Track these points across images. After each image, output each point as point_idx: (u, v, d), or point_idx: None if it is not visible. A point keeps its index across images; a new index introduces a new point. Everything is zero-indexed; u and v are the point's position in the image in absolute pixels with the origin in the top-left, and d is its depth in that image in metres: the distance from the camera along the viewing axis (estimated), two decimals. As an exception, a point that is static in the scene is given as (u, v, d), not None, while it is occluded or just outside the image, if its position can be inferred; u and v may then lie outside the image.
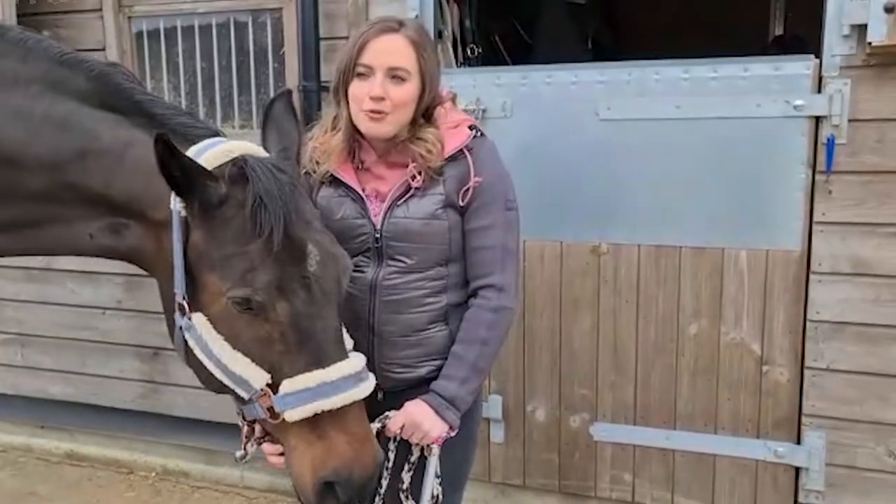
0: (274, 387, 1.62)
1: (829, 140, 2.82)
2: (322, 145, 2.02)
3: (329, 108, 2.10)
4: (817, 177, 2.88)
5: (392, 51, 1.91)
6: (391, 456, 2.00)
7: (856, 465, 2.98)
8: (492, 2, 4.52)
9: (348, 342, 1.80)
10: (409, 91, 1.91)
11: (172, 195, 1.62)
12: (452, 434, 1.97)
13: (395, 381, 2.04)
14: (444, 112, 2.03)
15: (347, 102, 1.96)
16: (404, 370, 2.03)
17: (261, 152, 1.74)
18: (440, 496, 2.01)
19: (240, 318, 1.60)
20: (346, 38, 3.39)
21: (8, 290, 4.29)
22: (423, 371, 2.03)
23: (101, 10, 3.81)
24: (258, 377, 1.62)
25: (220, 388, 1.70)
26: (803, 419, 3.02)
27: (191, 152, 1.65)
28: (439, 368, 2.01)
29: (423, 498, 1.98)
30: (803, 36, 4.55)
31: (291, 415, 1.61)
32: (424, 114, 1.98)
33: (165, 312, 1.75)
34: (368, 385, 1.71)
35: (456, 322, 2.03)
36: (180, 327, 1.66)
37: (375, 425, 1.92)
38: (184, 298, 1.64)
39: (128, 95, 1.73)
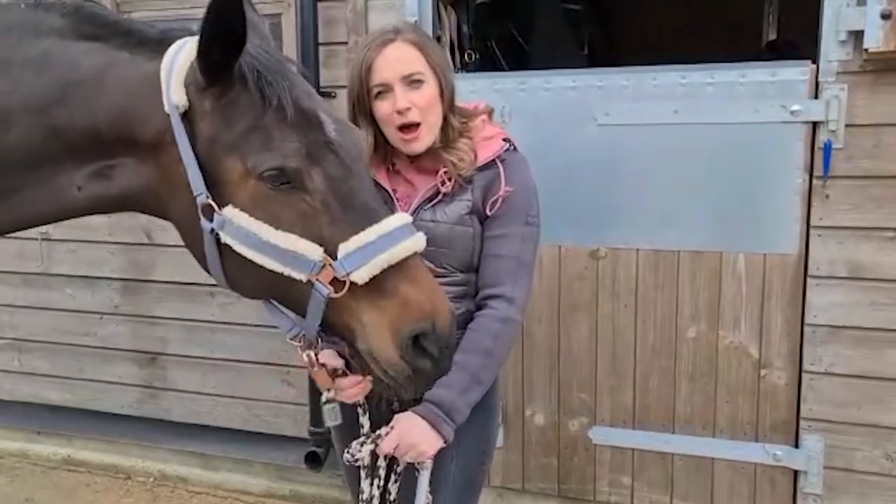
0: (331, 256, 1.51)
1: (825, 145, 2.84)
2: None
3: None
4: (814, 181, 2.89)
5: (399, 59, 1.92)
6: (381, 473, 1.95)
7: (853, 468, 3.00)
8: (489, 8, 4.54)
9: None
10: (429, 92, 1.94)
11: (165, 96, 1.54)
12: (445, 446, 1.90)
13: None
14: (480, 125, 2.05)
15: (373, 123, 1.97)
16: None
17: None
18: None
19: (275, 196, 1.51)
20: (346, 43, 3.41)
21: (5, 295, 4.28)
22: None
23: (98, 15, 3.80)
24: (313, 249, 1.50)
25: (270, 285, 1.58)
26: (801, 422, 3.03)
27: (172, 50, 1.57)
28: None
29: None
30: (797, 41, 4.58)
31: (359, 275, 1.50)
32: (453, 111, 1.99)
33: (184, 234, 1.65)
34: (422, 237, 1.61)
35: None
36: (211, 230, 1.55)
37: (368, 446, 1.87)
38: (207, 197, 1.54)
39: (103, 21, 1.65)
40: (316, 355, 1.72)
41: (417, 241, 1.57)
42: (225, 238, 1.54)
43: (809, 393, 3.01)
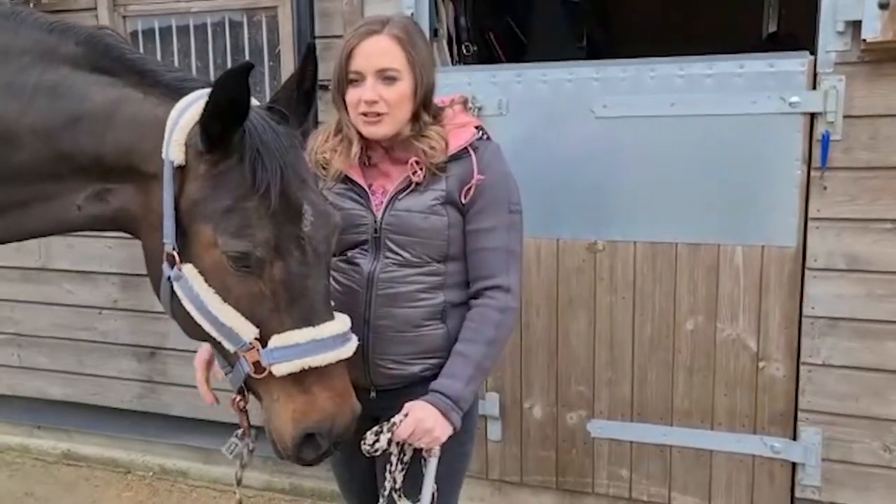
0: (261, 341, 1.64)
1: (823, 136, 2.83)
2: (338, 154, 2.03)
3: (331, 111, 2.12)
4: (812, 173, 2.88)
5: (378, 53, 1.93)
6: (393, 459, 1.96)
7: (852, 460, 3.00)
8: (487, 0, 4.52)
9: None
10: (401, 90, 1.94)
11: (165, 144, 1.62)
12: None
13: (387, 377, 2.03)
14: (452, 113, 2.06)
15: (347, 110, 2.00)
16: (397, 367, 2.02)
17: (254, 102, 1.70)
18: (436, 495, 1.99)
19: (233, 273, 1.61)
20: (342, 36, 3.39)
21: (4, 290, 4.28)
22: (416, 369, 2.02)
23: (95, 8, 3.80)
24: (247, 330, 1.63)
25: (205, 339, 1.71)
26: (799, 415, 3.03)
27: (183, 102, 1.64)
28: (433, 367, 2.01)
29: (423, 500, 1.95)
30: (797, 33, 4.56)
31: (279, 369, 1.63)
32: (426, 108, 2.00)
33: (148, 266, 1.75)
34: (353, 344, 1.75)
35: (454, 321, 2.02)
36: (168, 277, 1.66)
37: (385, 435, 1.88)
38: (173, 248, 1.64)
39: (118, 56, 1.72)
40: (240, 401, 1.81)
41: (346, 351, 1.71)
42: (177, 290, 1.66)
43: (808, 385, 3.00)
